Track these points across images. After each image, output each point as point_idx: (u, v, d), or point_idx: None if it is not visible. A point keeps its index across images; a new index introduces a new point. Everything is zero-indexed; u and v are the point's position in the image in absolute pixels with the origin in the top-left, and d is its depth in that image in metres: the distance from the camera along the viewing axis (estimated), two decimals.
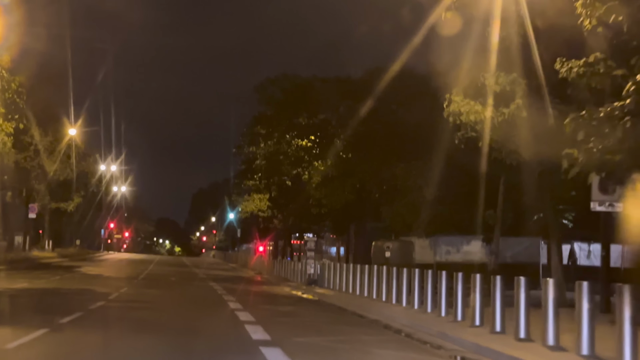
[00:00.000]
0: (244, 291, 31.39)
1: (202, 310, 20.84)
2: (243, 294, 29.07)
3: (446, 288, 20.37)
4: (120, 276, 38.00)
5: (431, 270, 22.40)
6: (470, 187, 31.46)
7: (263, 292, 32.37)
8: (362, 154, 38.27)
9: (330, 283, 34.20)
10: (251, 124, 47.85)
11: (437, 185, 32.66)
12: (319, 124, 44.87)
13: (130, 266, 54.71)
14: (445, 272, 20.52)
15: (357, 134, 39.94)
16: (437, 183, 32.69)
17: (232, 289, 31.44)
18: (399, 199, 33.79)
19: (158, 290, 29.01)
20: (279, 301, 26.76)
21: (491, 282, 17.00)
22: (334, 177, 38.73)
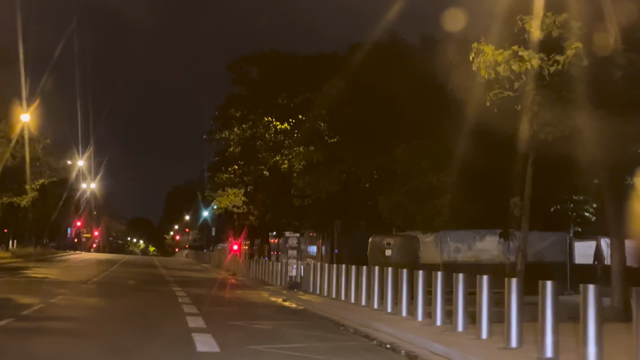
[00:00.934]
0: (212, 299, 25.33)
1: (143, 333, 14.71)
2: (210, 303, 23.03)
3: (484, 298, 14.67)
4: (68, 280, 31.73)
5: (454, 272, 16.80)
6: (488, 169, 25.63)
7: (236, 299, 26.32)
8: (353, 137, 32.28)
9: (316, 287, 28.30)
10: (224, 106, 41.70)
11: (446, 169, 26.80)
12: (300, 104, 38.83)
13: (90, 267, 48.36)
14: (478, 277, 14.93)
15: (345, 115, 33.97)
16: (445, 166, 26.85)
17: (198, 296, 25.43)
18: (399, 186, 27.84)
19: (102, 299, 22.91)
20: (256, 313, 20.71)
21: (506, 285, 13.89)
22: (320, 163, 32.73)
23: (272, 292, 30.91)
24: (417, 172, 26.99)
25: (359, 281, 23.07)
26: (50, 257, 65.32)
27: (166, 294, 26.32)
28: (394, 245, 25.15)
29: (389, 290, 20.67)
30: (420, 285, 18.51)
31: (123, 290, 27.76)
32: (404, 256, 25.07)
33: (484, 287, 14.82)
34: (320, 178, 32.35)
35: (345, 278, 25.17)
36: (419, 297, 18.25)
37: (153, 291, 27.88)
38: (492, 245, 28.48)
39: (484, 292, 14.88)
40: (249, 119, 39.81)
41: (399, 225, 28.79)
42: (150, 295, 25.90)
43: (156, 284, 33.48)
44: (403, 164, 27.50)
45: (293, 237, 31.74)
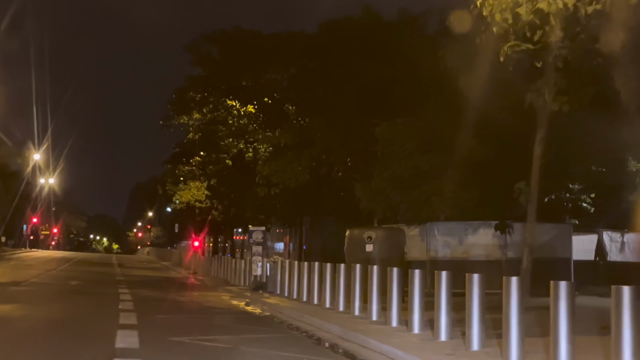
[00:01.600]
0: (161, 303, 21.24)
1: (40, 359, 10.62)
2: (156, 310, 18.95)
3: None
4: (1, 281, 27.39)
5: (444, 270, 13.30)
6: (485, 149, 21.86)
7: (190, 303, 22.23)
8: (324, 119, 28.31)
9: (284, 288, 24.35)
10: (182, 89, 37.48)
11: (435, 151, 22.98)
12: (266, 85, 34.77)
13: (36, 266, 43.78)
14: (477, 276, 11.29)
15: (316, 97, 30.01)
16: (434, 147, 23.04)
17: (144, 301, 21.38)
18: (380, 171, 23.95)
19: (23, 305, 18.70)
20: (211, 324, 16.61)
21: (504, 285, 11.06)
22: (288, 147, 28.73)
23: (234, 294, 26.85)
24: (401, 155, 23.14)
25: (335, 282, 19.13)
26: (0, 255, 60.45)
27: (108, 297, 22.13)
28: (376, 239, 21.18)
29: (374, 293, 16.74)
30: (416, 288, 14.62)
31: (58, 293, 23.54)
32: (388, 252, 21.12)
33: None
34: (288, 164, 28.38)
35: (319, 278, 21.24)
36: (415, 303, 14.33)
37: (93, 294, 23.70)
38: (486, 239, 24.66)
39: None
40: (209, 102, 35.63)
41: (380, 216, 24.85)
42: (87, 299, 21.71)
43: (102, 285, 29.24)
44: (384, 145, 23.60)
45: (258, 231, 27.69)
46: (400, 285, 15.77)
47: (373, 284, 16.79)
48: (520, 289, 11.21)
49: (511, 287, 11.10)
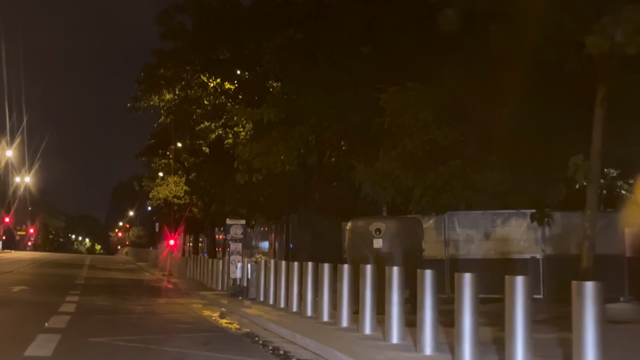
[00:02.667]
0: (111, 316, 16.24)
1: None
2: (98, 327, 14.03)
3: None
4: None
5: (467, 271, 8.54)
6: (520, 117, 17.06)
7: (150, 315, 17.18)
8: (315, 91, 23.31)
9: (268, 294, 19.49)
10: (151, 67, 32.45)
11: (457, 121, 18.13)
12: (246, 58, 29.71)
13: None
14: None
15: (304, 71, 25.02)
16: (456, 117, 18.21)
17: (90, 312, 16.53)
18: (387, 149, 19.01)
19: None
20: (167, 348, 11.56)
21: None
22: (272, 126, 23.74)
23: (207, 302, 21.88)
24: (413, 127, 18.19)
25: (336, 288, 14.23)
26: None
27: (43, 309, 17.07)
28: (386, 232, 16.27)
29: (394, 304, 11.81)
30: (428, 295, 9.94)
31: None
32: (402, 248, 16.22)
33: None
34: (273, 146, 23.34)
35: (314, 282, 16.31)
36: (465, 322, 9.46)
37: (28, 304, 18.63)
38: (519, 233, 19.78)
39: None
40: (182, 78, 30.58)
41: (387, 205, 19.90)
42: (13, 312, 16.67)
43: (50, 291, 24.18)
44: (393, 116, 18.62)
45: (237, 226, 22.73)
46: (435, 295, 10.96)
47: (393, 292, 11.86)
48: (599, 298, 7.78)
49: (585, 296, 7.78)
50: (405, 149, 18.34)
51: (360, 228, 16.81)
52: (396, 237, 16.39)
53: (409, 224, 17.11)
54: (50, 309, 16.71)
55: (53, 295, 21.48)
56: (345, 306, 14.00)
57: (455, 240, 20.40)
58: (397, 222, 16.80)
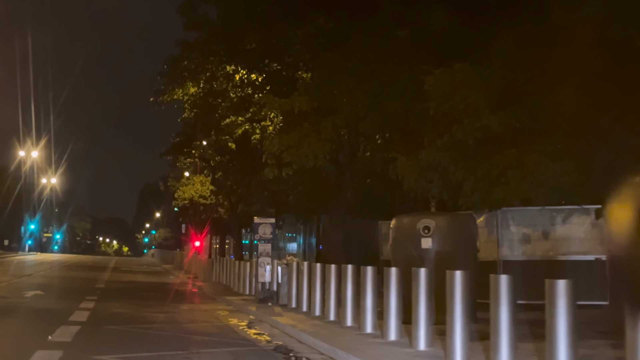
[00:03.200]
0: (127, 325, 14.35)
1: None
2: (109, 340, 12.16)
3: None
4: None
5: None
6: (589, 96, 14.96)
7: (171, 324, 15.27)
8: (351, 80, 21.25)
9: (301, 300, 17.59)
10: (175, 58, 30.60)
11: (512, 104, 16.10)
12: (274, 47, 27.74)
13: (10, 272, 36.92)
14: None
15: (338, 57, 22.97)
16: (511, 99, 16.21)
17: (104, 321, 14.64)
18: (432, 138, 16.95)
19: None
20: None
21: None
22: (303, 116, 21.77)
23: (234, 308, 19.95)
24: (463, 113, 16.14)
25: (384, 295, 12.25)
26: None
27: (52, 317, 15.23)
28: (436, 229, 14.23)
29: (457, 315, 9.79)
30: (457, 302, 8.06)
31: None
32: (456, 248, 14.19)
33: None
34: (305, 138, 21.36)
35: (354, 288, 14.36)
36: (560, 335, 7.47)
37: (37, 312, 16.80)
38: (582, 231, 17.63)
39: None
40: (206, 69, 28.68)
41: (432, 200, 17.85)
42: (17, 322, 14.81)
43: (66, 296, 22.41)
44: (439, 101, 16.56)
45: (266, 224, 20.81)
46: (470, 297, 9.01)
47: (455, 300, 9.83)
48: None
49: None
50: (453, 137, 16.29)
51: (406, 226, 14.80)
52: (447, 236, 14.36)
53: (462, 221, 15.07)
54: (59, 318, 14.88)
55: (67, 301, 19.67)
56: (393, 315, 12.01)
57: (510, 240, 18.29)
58: (449, 219, 14.76)
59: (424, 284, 11.03)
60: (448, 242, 14.31)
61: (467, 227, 14.84)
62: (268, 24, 28.29)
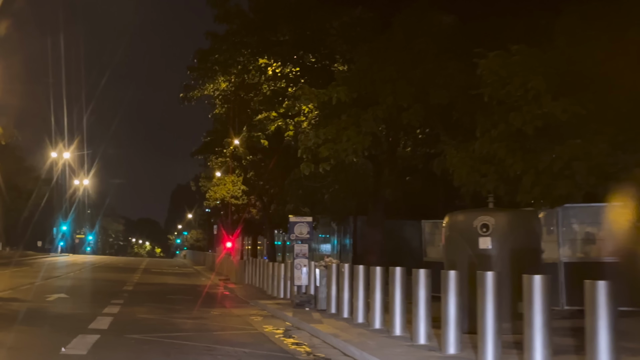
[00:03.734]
0: (152, 334, 12.89)
1: None
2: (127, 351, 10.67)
3: None
4: None
5: None
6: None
7: (201, 332, 13.80)
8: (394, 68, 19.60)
9: (342, 305, 16.09)
10: (205, 52, 29.17)
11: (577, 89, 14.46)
12: (309, 38, 26.17)
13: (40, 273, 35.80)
14: None
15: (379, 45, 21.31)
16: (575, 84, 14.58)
17: (125, 329, 13.20)
18: (485, 127, 15.31)
19: None
20: None
21: None
22: (342, 107, 20.19)
23: (269, 313, 18.46)
24: (522, 99, 14.49)
25: (443, 301, 10.68)
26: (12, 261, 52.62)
27: (71, 325, 13.87)
28: (495, 228, 12.62)
29: (537, 327, 8.18)
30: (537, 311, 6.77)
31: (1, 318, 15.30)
32: (518, 248, 12.57)
33: None
34: (343, 131, 19.75)
35: (402, 293, 12.81)
36: None
37: (55, 319, 15.44)
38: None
39: None
40: (238, 62, 27.20)
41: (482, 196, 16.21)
42: (30, 330, 13.39)
43: (91, 300, 21.15)
44: (495, 86, 14.90)
45: (302, 224, 19.31)
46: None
47: (534, 309, 8.22)
48: None
49: None
50: (510, 126, 14.64)
51: (462, 224, 13.20)
52: (508, 235, 12.75)
53: (524, 219, 13.44)
54: (78, 326, 13.50)
55: (90, 306, 18.33)
56: (453, 325, 10.43)
57: (572, 240, 16.58)
58: (510, 216, 13.13)
59: (492, 288, 9.45)
60: (509, 242, 12.70)
61: (530, 225, 13.22)
62: (302, 15, 26.77)
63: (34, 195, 73.15)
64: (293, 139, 29.99)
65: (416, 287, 11.66)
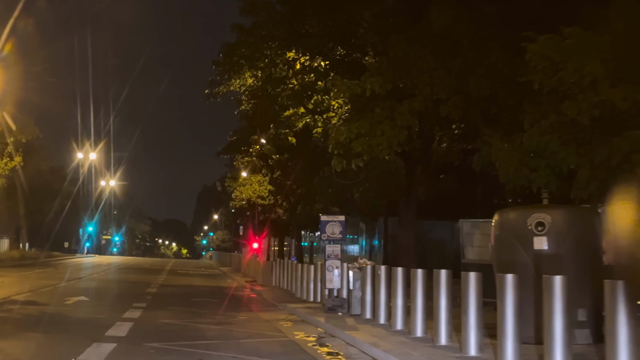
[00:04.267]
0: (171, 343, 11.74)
1: None
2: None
3: None
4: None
5: None
6: None
7: (228, 341, 12.65)
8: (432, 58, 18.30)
9: (378, 310, 14.89)
10: (230, 46, 28.01)
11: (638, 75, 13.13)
12: (339, 29, 24.92)
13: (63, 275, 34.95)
14: None
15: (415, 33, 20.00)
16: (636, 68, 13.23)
17: (145, 336, 12.09)
18: (534, 117, 14.00)
19: None
20: None
21: None
22: (375, 100, 18.96)
23: (299, 318, 17.28)
24: (576, 87, 13.18)
25: (500, 307, 9.45)
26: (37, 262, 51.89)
27: (84, 331, 12.78)
28: (552, 226, 11.35)
29: (622, 339, 6.93)
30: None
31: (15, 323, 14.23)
32: (576, 249, 11.29)
33: None
34: (377, 125, 18.52)
35: (448, 299, 11.59)
36: None
37: (71, 323, 14.36)
38: None
39: None
40: (264, 55, 26.04)
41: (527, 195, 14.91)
42: (40, 337, 12.28)
43: (113, 302, 20.11)
44: (546, 72, 13.60)
45: (334, 223, 18.11)
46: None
47: (617, 325, 6.99)
48: None
49: None
50: (564, 116, 13.34)
51: (514, 222, 11.93)
52: (567, 234, 11.48)
53: (583, 216, 12.14)
54: (95, 332, 12.42)
55: (111, 310, 17.26)
56: (510, 334, 9.20)
57: None
58: (567, 213, 11.86)
59: (560, 294, 8.21)
60: (567, 242, 11.41)
61: (590, 222, 11.91)
62: (332, 6, 25.56)
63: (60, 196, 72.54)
64: (322, 136, 28.83)
65: (466, 291, 10.42)
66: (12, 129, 36.24)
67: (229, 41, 28.27)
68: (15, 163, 41.47)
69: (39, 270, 38.46)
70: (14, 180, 47.31)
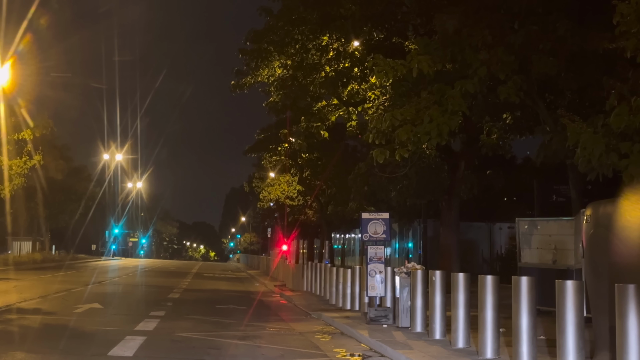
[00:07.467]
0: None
1: None
2: None
3: None
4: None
5: None
6: None
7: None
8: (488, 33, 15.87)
9: (432, 323, 12.42)
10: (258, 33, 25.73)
11: None
12: (376, 11, 22.51)
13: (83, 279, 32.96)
14: None
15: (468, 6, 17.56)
16: None
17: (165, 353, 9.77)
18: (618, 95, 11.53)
19: None
20: None
21: None
22: (421, 82, 16.55)
23: (337, 330, 14.92)
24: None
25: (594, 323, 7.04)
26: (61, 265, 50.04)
27: (87, 347, 10.53)
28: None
29: None
30: None
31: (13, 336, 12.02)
32: None
33: None
34: (424, 110, 16.14)
35: (531, 311, 9.17)
36: None
37: (75, 336, 12.10)
38: None
39: None
40: (295, 40, 23.71)
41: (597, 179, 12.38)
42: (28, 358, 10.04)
43: (129, 310, 17.87)
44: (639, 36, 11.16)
45: (377, 221, 15.72)
46: None
47: None
48: None
49: None
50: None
51: (611, 215, 9.47)
52: None
53: None
54: (98, 350, 10.19)
55: (123, 320, 15.01)
56: None
57: None
58: None
59: None
60: None
61: None
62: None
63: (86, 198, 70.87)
64: (357, 128, 26.52)
65: (562, 305, 8.02)
66: (30, 125, 34.20)
67: None
68: (35, 162, 39.46)
69: (60, 273, 36.59)
70: (34, 180, 45.34)
